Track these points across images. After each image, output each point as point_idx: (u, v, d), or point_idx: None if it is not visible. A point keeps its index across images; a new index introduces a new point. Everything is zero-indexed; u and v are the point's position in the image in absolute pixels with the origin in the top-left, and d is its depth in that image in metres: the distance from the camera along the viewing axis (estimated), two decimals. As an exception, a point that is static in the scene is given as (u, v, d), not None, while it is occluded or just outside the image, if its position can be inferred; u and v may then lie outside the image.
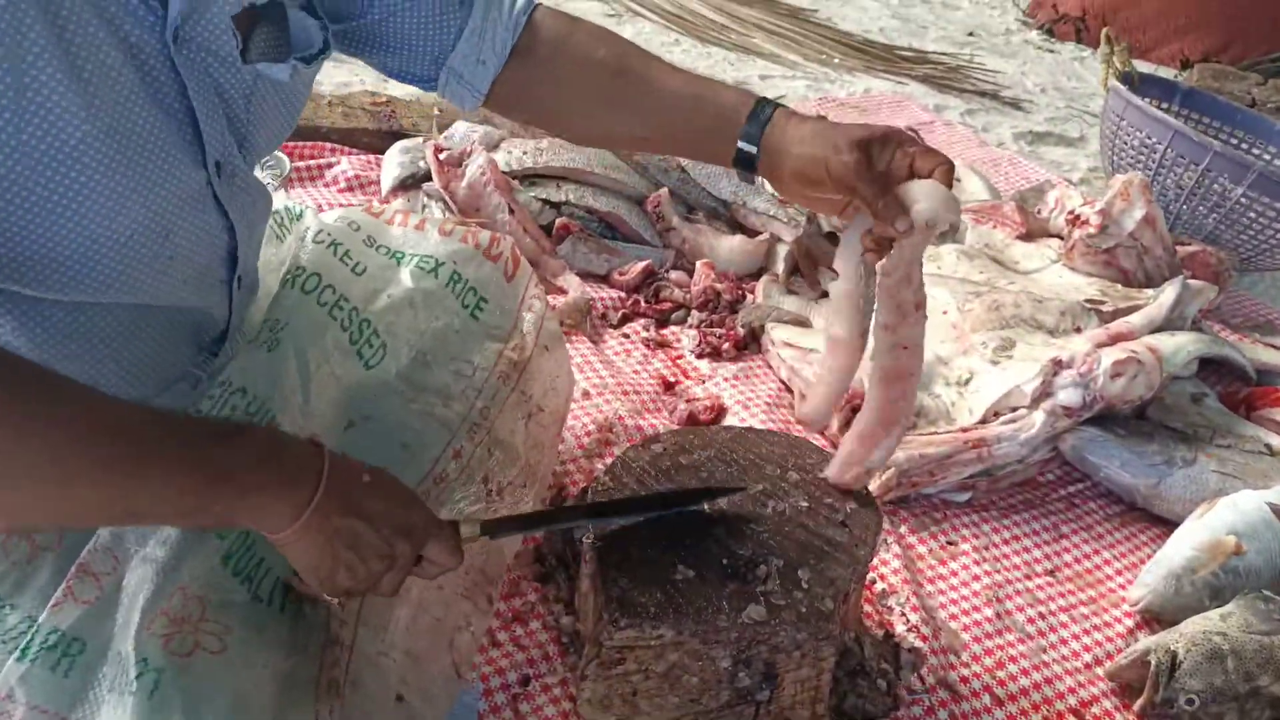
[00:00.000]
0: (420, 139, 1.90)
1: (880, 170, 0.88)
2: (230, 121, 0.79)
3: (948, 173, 0.89)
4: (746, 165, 0.94)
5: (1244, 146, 2.54)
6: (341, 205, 1.83)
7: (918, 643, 1.20)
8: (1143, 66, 4.09)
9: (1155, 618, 1.31)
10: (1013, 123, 3.12)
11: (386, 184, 1.82)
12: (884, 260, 0.95)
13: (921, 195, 0.88)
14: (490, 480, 1.08)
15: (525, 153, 1.84)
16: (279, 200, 1.12)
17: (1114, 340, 1.58)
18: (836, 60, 3.35)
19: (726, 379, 1.60)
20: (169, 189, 0.74)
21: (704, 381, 1.60)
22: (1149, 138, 2.22)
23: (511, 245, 1.22)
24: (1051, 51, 4.01)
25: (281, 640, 0.79)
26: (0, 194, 0.65)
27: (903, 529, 1.38)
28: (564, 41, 0.98)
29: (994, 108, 3.22)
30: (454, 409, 1.01)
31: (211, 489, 0.68)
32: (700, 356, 1.65)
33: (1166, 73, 4.02)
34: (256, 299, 0.95)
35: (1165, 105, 2.59)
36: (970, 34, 4.04)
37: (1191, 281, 1.74)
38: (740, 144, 0.92)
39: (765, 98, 0.95)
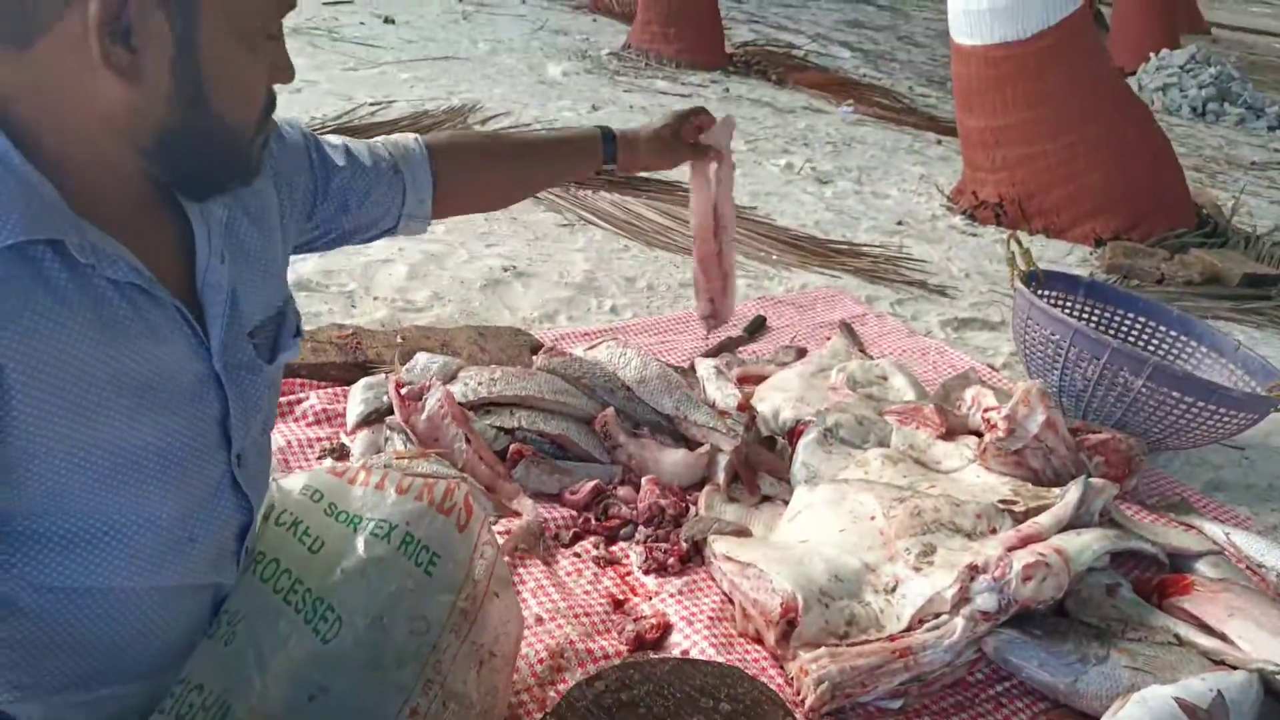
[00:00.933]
0: (383, 375, 2.06)
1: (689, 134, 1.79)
2: (254, 413, 0.98)
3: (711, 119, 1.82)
4: (609, 159, 1.64)
5: (1147, 330, 2.77)
6: (310, 439, 1.96)
7: None
8: (1060, 245, 4.46)
9: (1078, 820, 1.39)
10: (939, 310, 3.37)
11: (352, 419, 1.97)
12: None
13: (712, 136, 1.85)
14: (467, 694, 1.17)
15: (480, 383, 2.01)
16: None
17: (1024, 542, 1.72)
18: (775, 257, 3.62)
19: (672, 594, 1.71)
20: (195, 483, 0.92)
21: (650, 598, 1.71)
22: (1053, 335, 2.44)
23: (465, 494, 1.33)
24: (974, 235, 4.33)
25: None
26: (74, 502, 0.83)
27: (839, 741, 1.47)
28: (453, 151, 1.46)
29: (922, 295, 3.48)
30: (407, 670, 1.11)
31: None
32: (647, 573, 1.77)
33: (1082, 251, 4.36)
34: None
35: (1070, 297, 2.84)
36: (899, 222, 4.37)
37: (1094, 480, 1.89)
38: (605, 147, 1.62)
39: (604, 131, 1.64)
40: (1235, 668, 1.60)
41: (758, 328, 2.91)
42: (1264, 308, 3.82)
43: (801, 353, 2.68)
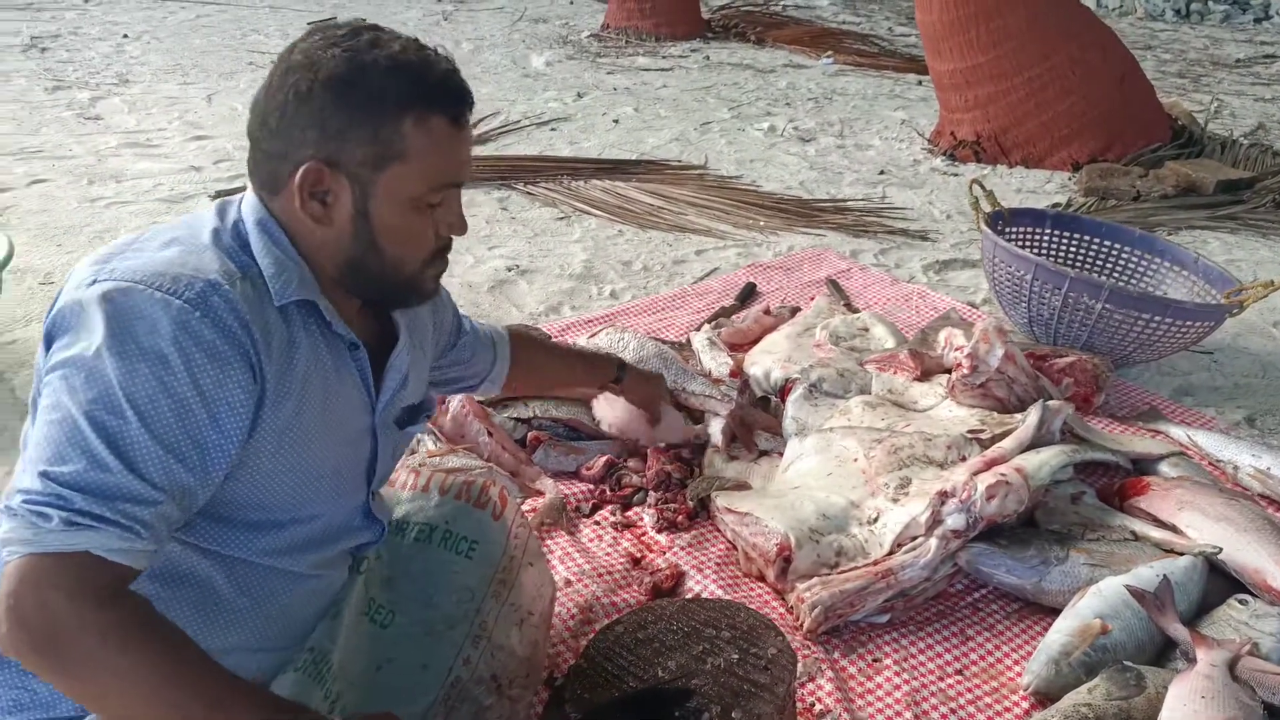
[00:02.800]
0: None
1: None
2: (386, 462, 1.30)
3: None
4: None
5: (1113, 253, 2.95)
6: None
7: (850, 750, 1.50)
8: (1039, 175, 4.61)
9: (1045, 697, 1.61)
10: (921, 254, 3.55)
11: (386, 427, 2.21)
12: None
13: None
14: (499, 677, 1.41)
15: (495, 381, 2.24)
16: None
17: (989, 465, 1.93)
18: (762, 223, 3.81)
19: (683, 548, 1.94)
20: (345, 504, 1.24)
21: (664, 553, 1.94)
22: (1017, 271, 2.63)
23: (500, 489, 1.56)
24: (955, 175, 4.49)
25: None
26: (276, 498, 1.12)
27: (835, 654, 1.70)
28: (527, 348, 1.78)
29: (904, 243, 3.66)
30: (459, 630, 1.35)
31: None
32: (659, 531, 2.00)
33: (1061, 177, 4.51)
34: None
35: (1037, 230, 3.02)
36: (881, 172, 4.53)
37: (1050, 403, 2.10)
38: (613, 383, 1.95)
39: (618, 361, 2.00)
40: (1183, 554, 1.81)
41: (748, 294, 3.11)
42: (1238, 213, 3.97)
43: (793, 311, 2.88)
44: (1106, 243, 2.97)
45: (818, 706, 1.59)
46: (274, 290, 1.09)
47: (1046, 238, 3.01)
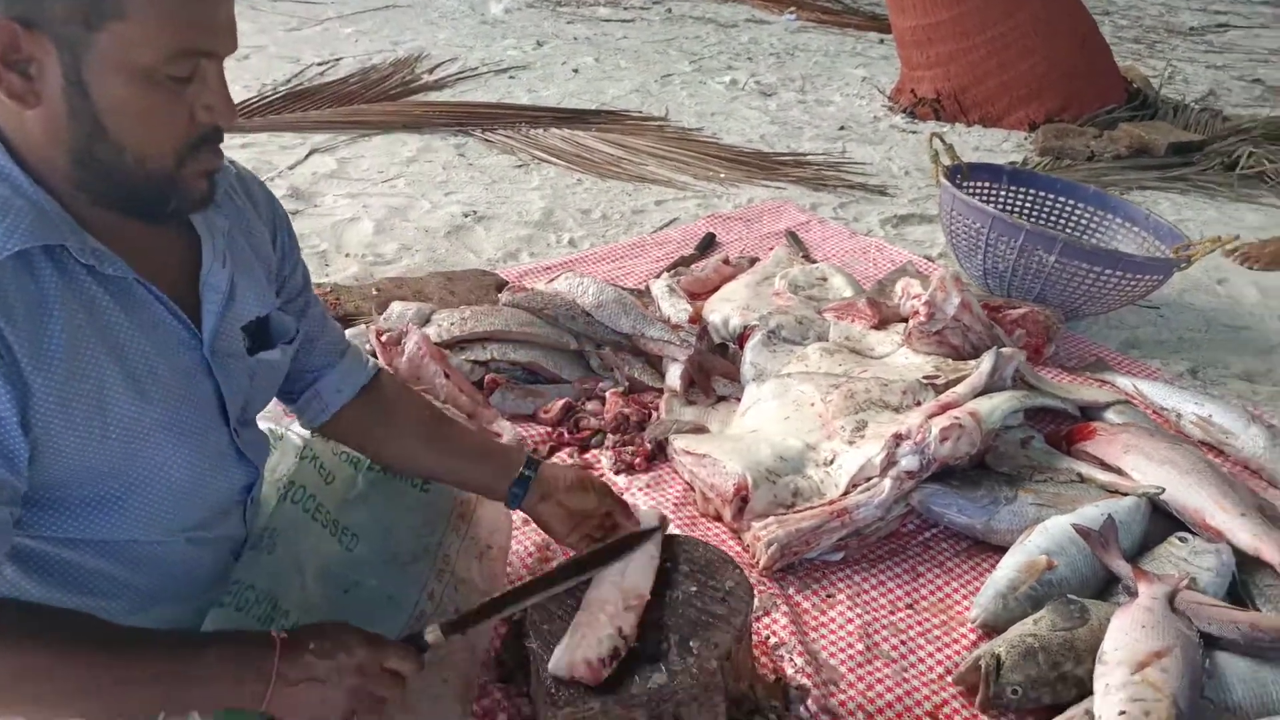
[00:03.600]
0: (363, 325, 2.27)
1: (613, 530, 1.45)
2: (241, 395, 1.15)
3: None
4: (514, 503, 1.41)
5: (1067, 209, 2.99)
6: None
7: (804, 680, 1.53)
8: (997, 134, 4.65)
9: (991, 630, 1.65)
10: (879, 209, 3.57)
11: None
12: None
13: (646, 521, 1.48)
14: (460, 610, 1.41)
15: (452, 323, 2.22)
16: (264, 424, 1.48)
17: (943, 409, 1.96)
18: (722, 175, 3.80)
19: (641, 489, 1.95)
20: (203, 451, 1.09)
21: (623, 494, 1.94)
22: (974, 223, 2.66)
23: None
24: (914, 132, 4.51)
25: None
26: (94, 472, 0.99)
27: (790, 590, 1.73)
28: (397, 395, 1.41)
29: (863, 197, 3.68)
30: (422, 563, 1.35)
31: (185, 695, 0.96)
32: (618, 473, 2.01)
33: (1017, 136, 4.55)
34: (259, 506, 1.30)
35: (994, 185, 3.05)
36: (841, 127, 4.54)
37: (1004, 350, 2.13)
38: (513, 490, 1.39)
39: (530, 460, 1.41)
40: (1127, 495, 1.86)
41: (708, 244, 3.11)
42: (1188, 174, 4.04)
43: (752, 261, 2.89)
44: (1061, 199, 3.01)
45: (773, 639, 1.62)
46: None
47: (1003, 193, 3.04)
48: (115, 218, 0.99)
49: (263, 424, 1.44)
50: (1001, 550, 1.80)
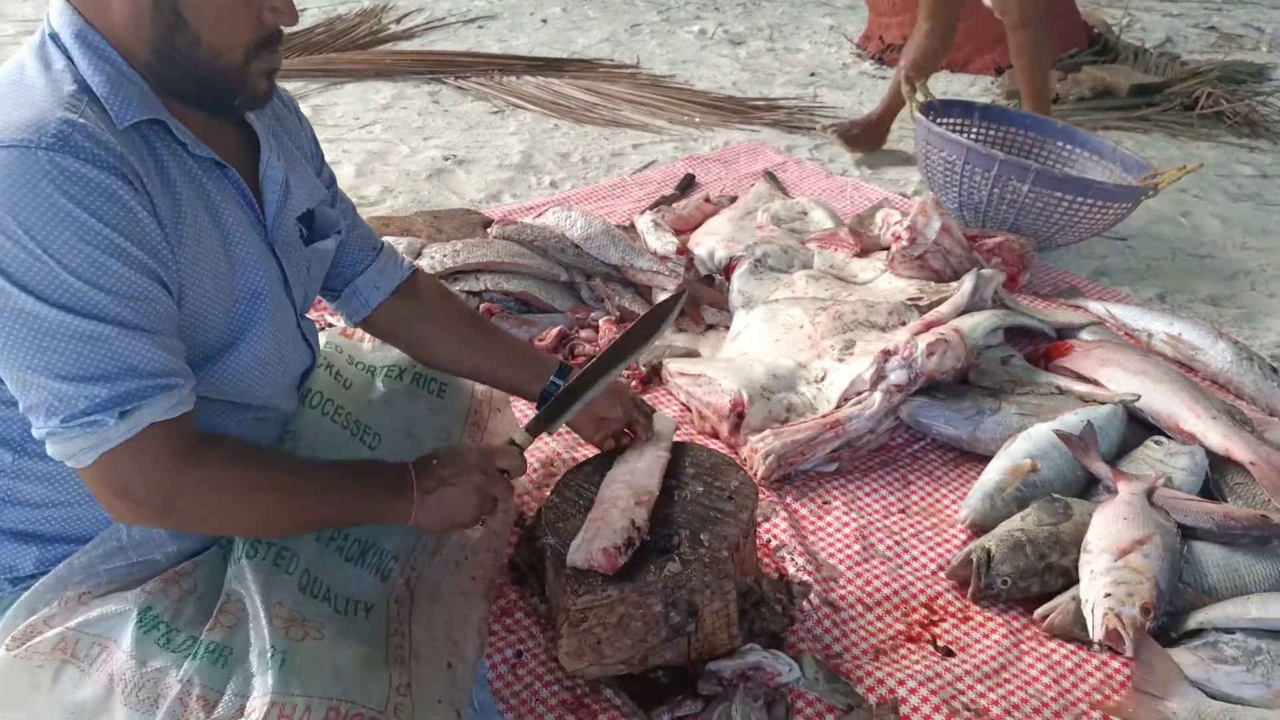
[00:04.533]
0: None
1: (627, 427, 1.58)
2: (301, 282, 1.23)
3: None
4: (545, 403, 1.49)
5: (1036, 143, 3.07)
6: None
7: (805, 577, 1.60)
8: (964, 78, 4.70)
9: (979, 529, 1.73)
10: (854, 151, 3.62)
11: (336, 300, 2.20)
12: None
13: (659, 427, 1.59)
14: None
15: (445, 255, 2.24)
16: None
17: (928, 327, 2.03)
18: (698, 119, 3.82)
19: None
20: (281, 326, 1.18)
21: (621, 414, 2.00)
22: (949, 156, 2.72)
23: None
24: (883, 78, 4.54)
25: (360, 634, 1.15)
26: (205, 328, 1.09)
27: (788, 499, 1.79)
28: (437, 294, 1.52)
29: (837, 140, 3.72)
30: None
31: (354, 509, 1.18)
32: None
33: (984, 81, 4.61)
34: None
35: (966, 121, 3.11)
36: (812, 74, 4.57)
37: (984, 271, 2.20)
38: (546, 390, 1.49)
39: (564, 366, 1.52)
40: (1104, 403, 1.94)
41: (688, 184, 3.15)
42: (1150, 114, 4.13)
43: (732, 200, 2.93)
44: (1030, 133, 3.08)
45: (774, 542, 1.68)
46: (113, 112, 1.00)
47: (975, 129, 3.10)
48: (184, 109, 1.06)
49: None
50: (986, 459, 1.88)
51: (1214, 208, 3.26)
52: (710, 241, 2.55)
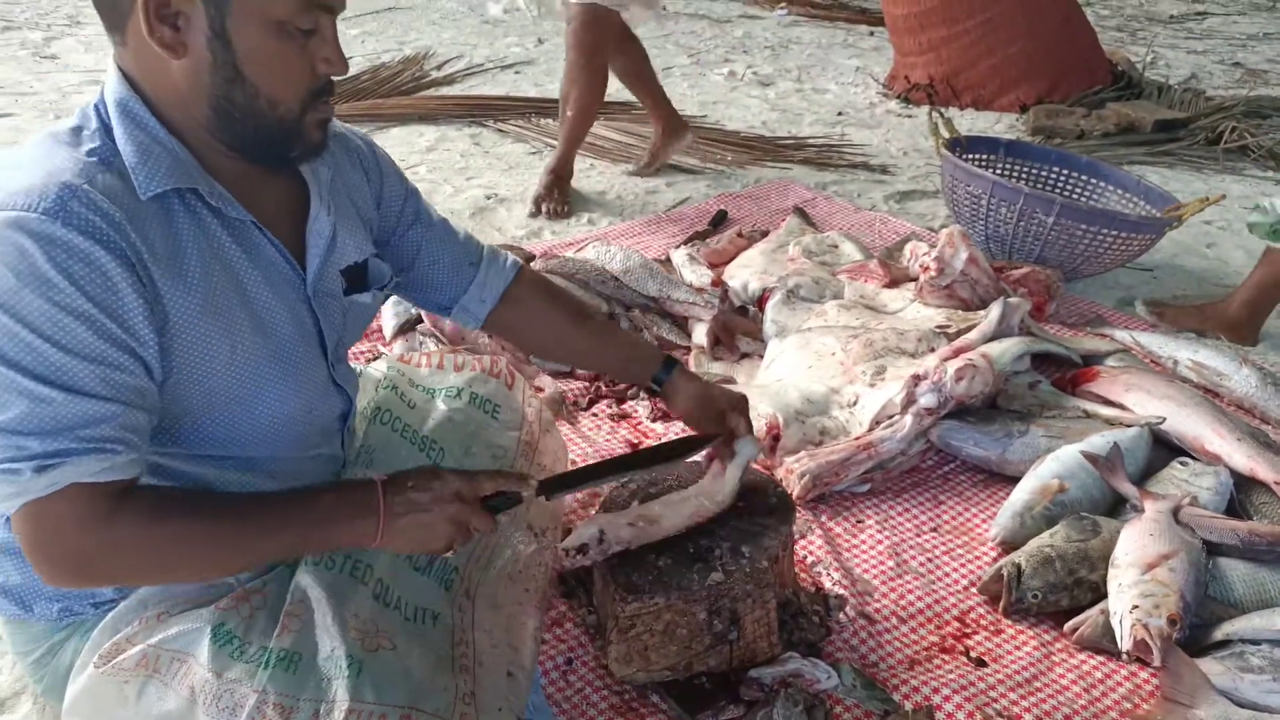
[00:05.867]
0: (408, 291, 2.39)
1: (727, 425, 1.55)
2: (336, 331, 1.28)
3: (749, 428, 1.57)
4: (652, 394, 1.61)
5: (1062, 177, 3.14)
6: (354, 353, 2.30)
7: (841, 591, 1.67)
8: (989, 115, 4.80)
9: (1009, 547, 1.79)
10: (882, 187, 3.72)
11: (388, 331, 2.31)
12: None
13: (742, 446, 1.54)
14: (533, 526, 1.54)
15: (492, 288, 2.35)
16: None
17: (957, 353, 2.10)
18: (729, 158, 3.94)
19: (677, 434, 2.09)
20: (308, 381, 1.22)
21: (660, 440, 2.08)
22: (975, 190, 2.80)
23: (507, 363, 1.70)
24: (910, 116, 4.66)
25: (427, 642, 1.22)
26: (221, 398, 1.12)
27: (823, 518, 1.86)
28: (543, 294, 1.56)
29: (866, 176, 3.82)
30: (500, 484, 1.48)
31: (310, 538, 1.11)
32: (655, 420, 2.14)
33: (1009, 118, 4.70)
34: (353, 435, 1.43)
35: (992, 156, 3.19)
36: (839, 113, 4.68)
37: (1010, 300, 2.27)
38: (652, 385, 1.58)
39: (669, 357, 1.59)
40: (1130, 426, 2.00)
41: (720, 220, 3.25)
42: (1174, 149, 4.20)
43: (764, 234, 3.03)
44: (1055, 168, 3.16)
45: (810, 558, 1.75)
46: (138, 183, 1.02)
47: (1000, 164, 3.18)
48: (239, 165, 1.11)
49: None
50: (1015, 480, 1.94)
51: (1238, 239, 3.31)
52: (744, 274, 2.64)
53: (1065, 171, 3.14)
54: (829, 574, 1.71)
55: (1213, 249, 3.26)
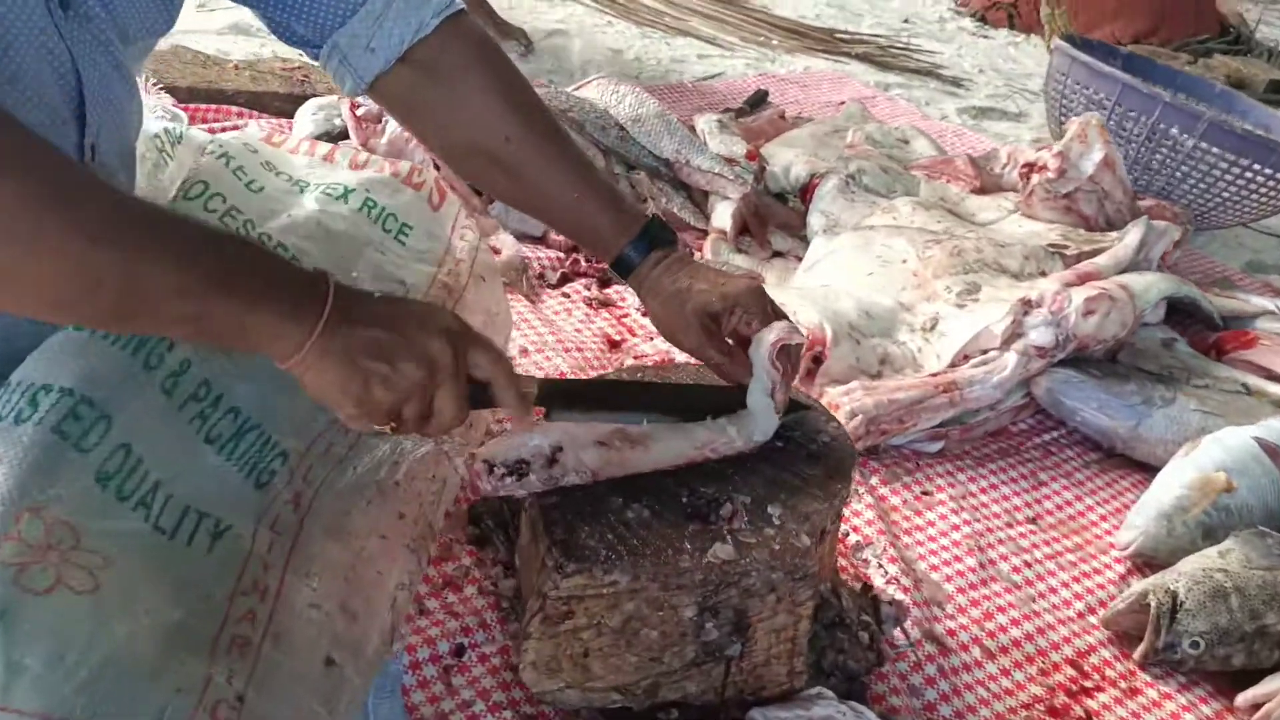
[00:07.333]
0: (335, 96, 1.76)
1: (727, 333, 0.94)
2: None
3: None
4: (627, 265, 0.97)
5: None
6: (250, 167, 1.68)
7: (899, 595, 1.08)
8: (1076, 50, 4.10)
9: (1147, 561, 1.22)
10: (954, 100, 3.08)
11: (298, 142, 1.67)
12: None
13: (769, 332, 0.93)
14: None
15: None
16: (158, 124, 1.00)
17: (1082, 280, 1.50)
18: (775, 42, 3.28)
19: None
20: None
21: (652, 338, 1.48)
22: (1096, 94, 2.17)
23: (435, 177, 1.10)
24: (986, 38, 4.00)
25: (179, 581, 0.64)
26: None
27: (874, 480, 1.27)
28: (471, 73, 0.91)
29: (935, 86, 3.18)
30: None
31: (212, 295, 0.63)
32: (646, 314, 1.53)
33: (1099, 56, 4.03)
34: None
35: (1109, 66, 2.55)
36: (905, 21, 4.02)
37: (1156, 222, 1.67)
38: (617, 261, 0.97)
39: (654, 222, 0.96)
40: (1314, 414, 1.41)
41: (759, 101, 2.59)
42: (1291, 114, 3.58)
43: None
44: (1181, 94, 2.52)
45: (853, 536, 1.16)
46: None
47: (1115, 80, 2.55)
48: None
49: (159, 123, 0.98)
50: (1144, 468, 1.37)
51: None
52: (787, 155, 2.01)
53: (1198, 101, 2.51)
54: (880, 565, 1.12)
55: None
